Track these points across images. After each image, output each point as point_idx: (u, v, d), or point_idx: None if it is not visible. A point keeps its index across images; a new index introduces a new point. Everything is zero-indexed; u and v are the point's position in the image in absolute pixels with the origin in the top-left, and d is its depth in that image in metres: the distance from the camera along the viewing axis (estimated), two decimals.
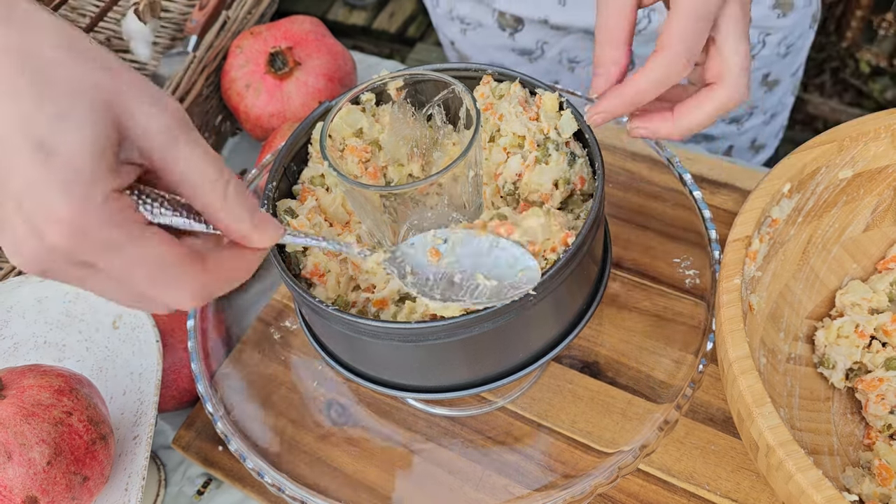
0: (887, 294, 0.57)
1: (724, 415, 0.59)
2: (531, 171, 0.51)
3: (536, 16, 0.85)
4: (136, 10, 0.83)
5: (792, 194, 0.53)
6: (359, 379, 0.52)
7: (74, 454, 0.52)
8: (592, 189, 0.52)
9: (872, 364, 0.55)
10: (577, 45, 0.87)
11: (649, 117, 0.49)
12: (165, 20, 0.93)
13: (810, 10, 0.87)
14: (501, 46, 0.91)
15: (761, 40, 0.84)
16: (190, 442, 0.65)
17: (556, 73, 0.92)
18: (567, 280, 0.46)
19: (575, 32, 0.86)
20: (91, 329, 0.64)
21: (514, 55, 0.92)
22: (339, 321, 0.46)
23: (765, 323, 0.55)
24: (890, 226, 0.59)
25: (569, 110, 0.52)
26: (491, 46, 0.92)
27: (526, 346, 0.49)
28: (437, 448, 0.60)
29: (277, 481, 0.53)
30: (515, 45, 0.90)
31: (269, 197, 0.51)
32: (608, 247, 0.54)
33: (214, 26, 0.82)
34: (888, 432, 0.54)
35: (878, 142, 0.54)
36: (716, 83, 0.47)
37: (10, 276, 0.67)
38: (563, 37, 0.87)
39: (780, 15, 0.82)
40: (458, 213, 0.49)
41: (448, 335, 0.45)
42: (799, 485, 0.41)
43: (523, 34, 0.89)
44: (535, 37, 0.88)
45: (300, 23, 0.82)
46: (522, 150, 0.52)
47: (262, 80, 0.79)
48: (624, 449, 0.52)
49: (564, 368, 0.62)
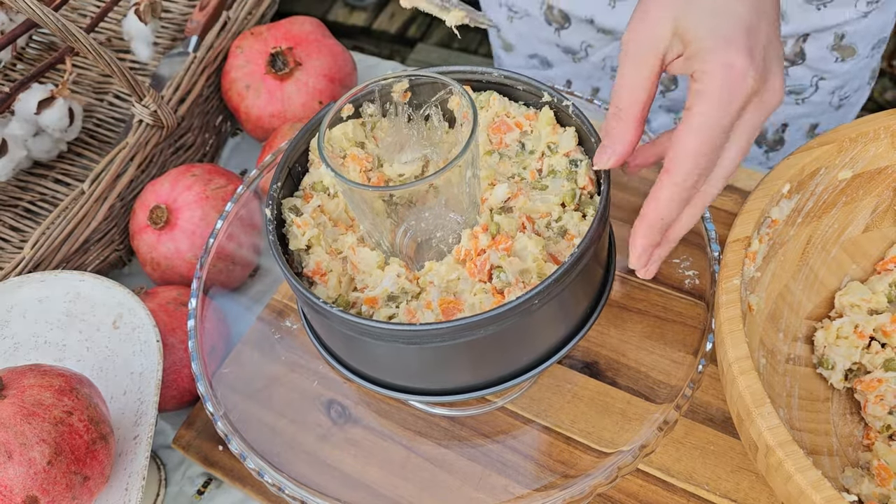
0: (886, 295, 0.57)
1: (724, 415, 0.59)
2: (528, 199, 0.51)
3: (584, 13, 0.82)
4: (137, 11, 0.83)
5: (791, 195, 0.54)
6: (361, 380, 0.52)
7: (75, 454, 0.52)
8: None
9: (871, 365, 0.55)
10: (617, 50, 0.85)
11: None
12: (166, 21, 0.93)
13: (871, 62, 0.82)
14: (546, 40, 0.89)
15: (814, 83, 0.79)
16: (190, 442, 0.65)
17: (597, 78, 0.90)
18: (572, 284, 0.46)
19: (620, 39, 0.83)
20: (91, 329, 0.64)
21: (558, 51, 0.90)
22: (342, 322, 0.46)
23: (764, 323, 0.55)
24: (889, 227, 0.59)
25: (571, 129, 0.52)
26: (536, 38, 0.90)
27: (530, 349, 0.49)
28: (437, 448, 0.60)
29: (277, 481, 0.53)
30: (560, 42, 0.88)
31: (274, 198, 0.51)
32: (612, 250, 0.54)
33: (215, 27, 0.82)
34: (887, 433, 0.54)
35: (877, 142, 0.54)
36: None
37: (10, 276, 0.67)
38: (609, 42, 0.85)
39: (839, 59, 0.77)
40: (457, 213, 0.49)
41: (451, 338, 0.45)
42: (798, 485, 0.41)
43: (569, 32, 0.86)
44: (581, 37, 0.86)
45: (300, 23, 0.82)
46: (510, 179, 0.52)
47: (262, 80, 0.79)
48: (623, 449, 0.52)
49: (564, 368, 0.62)
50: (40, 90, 0.80)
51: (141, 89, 0.70)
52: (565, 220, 0.50)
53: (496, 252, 0.47)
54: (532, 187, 0.52)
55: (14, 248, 0.81)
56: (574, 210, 0.51)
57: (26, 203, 0.84)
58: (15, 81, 0.91)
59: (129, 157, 0.73)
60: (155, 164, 0.78)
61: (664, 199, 0.43)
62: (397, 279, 0.48)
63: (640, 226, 0.45)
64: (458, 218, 0.50)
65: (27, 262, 0.67)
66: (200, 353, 0.58)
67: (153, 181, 0.74)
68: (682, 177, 0.43)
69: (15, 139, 0.80)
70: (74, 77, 0.92)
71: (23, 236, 0.82)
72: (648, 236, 0.45)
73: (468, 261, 0.48)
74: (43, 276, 0.66)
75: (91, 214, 0.71)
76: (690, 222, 0.46)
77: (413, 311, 0.48)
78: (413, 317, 0.47)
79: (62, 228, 0.69)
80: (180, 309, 0.66)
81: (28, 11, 0.61)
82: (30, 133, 0.82)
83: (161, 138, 0.75)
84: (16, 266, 0.67)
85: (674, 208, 0.44)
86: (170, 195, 0.71)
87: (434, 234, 0.50)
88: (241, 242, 0.68)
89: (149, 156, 0.75)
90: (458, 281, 0.48)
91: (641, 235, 0.45)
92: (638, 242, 0.45)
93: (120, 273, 0.80)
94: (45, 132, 0.82)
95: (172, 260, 0.71)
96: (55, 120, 0.80)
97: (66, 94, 0.81)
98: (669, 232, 0.46)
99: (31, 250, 0.68)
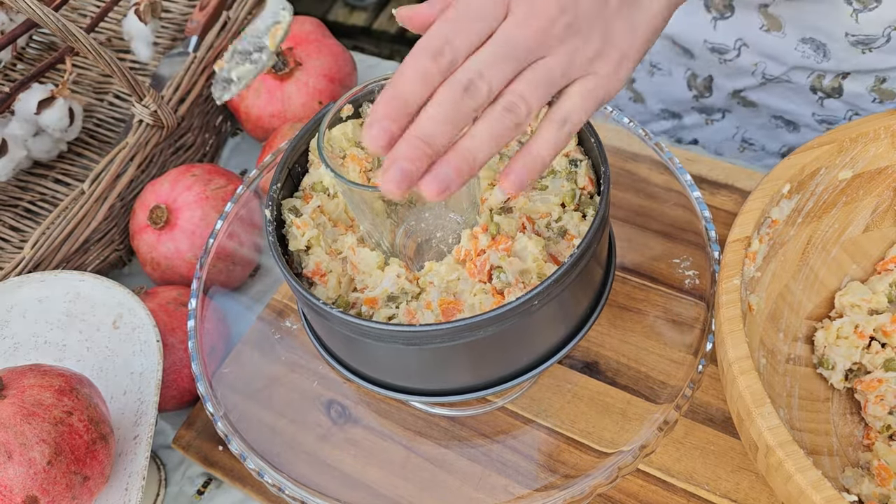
0: (886, 295, 0.57)
1: (724, 415, 0.59)
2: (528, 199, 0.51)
3: None
4: (137, 11, 0.83)
5: (791, 195, 0.53)
6: (360, 380, 0.52)
7: (75, 454, 0.52)
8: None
9: (872, 365, 0.55)
10: (660, 51, 0.83)
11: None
12: (166, 20, 0.93)
13: None
14: None
15: (847, 116, 0.77)
16: (190, 442, 0.65)
17: (635, 71, 0.88)
18: (573, 283, 0.46)
19: (661, 37, 0.81)
20: (91, 329, 0.64)
21: None
22: (341, 322, 0.46)
23: (764, 323, 0.55)
24: (889, 227, 0.59)
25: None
26: None
27: (530, 349, 0.49)
28: (437, 448, 0.60)
29: (277, 481, 0.53)
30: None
31: (274, 198, 0.51)
32: (612, 250, 0.54)
33: (215, 27, 0.82)
34: (887, 433, 0.54)
35: (877, 142, 0.54)
36: None
37: (10, 276, 0.67)
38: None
39: (877, 100, 0.74)
40: (457, 213, 0.49)
41: (451, 339, 0.45)
42: (798, 485, 0.41)
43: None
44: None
45: (300, 23, 0.82)
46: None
47: (262, 80, 0.79)
48: (623, 449, 0.52)
49: (564, 368, 0.62)
50: (40, 90, 0.80)
51: (141, 89, 0.70)
52: (565, 221, 0.50)
53: (496, 252, 0.47)
54: (532, 187, 0.52)
55: (14, 248, 0.81)
56: (574, 210, 0.51)
57: (26, 203, 0.84)
58: (15, 81, 0.91)
59: (129, 157, 0.73)
60: (155, 164, 0.78)
61: (404, 67, 0.39)
62: (397, 279, 0.48)
63: (381, 94, 0.40)
64: (458, 218, 0.50)
65: (27, 262, 0.67)
66: (200, 353, 0.58)
67: (153, 181, 0.74)
68: (424, 44, 0.39)
69: (15, 139, 0.80)
70: (74, 77, 0.92)
71: (23, 236, 0.82)
72: (384, 104, 0.39)
73: (468, 261, 0.48)
74: (43, 276, 0.66)
75: (91, 214, 0.71)
76: (481, 146, 0.39)
77: (413, 311, 0.48)
78: (413, 317, 0.47)
79: (62, 228, 0.69)
80: (180, 309, 0.66)
81: (28, 11, 0.61)
82: (30, 133, 0.82)
83: (161, 138, 0.75)
84: (16, 266, 0.67)
85: (417, 83, 0.39)
86: (170, 195, 0.71)
87: (434, 234, 0.50)
88: (241, 242, 0.68)
89: (149, 156, 0.75)
90: (457, 281, 0.48)
91: (380, 102, 0.39)
92: (375, 108, 0.39)
93: (120, 273, 0.80)
94: (45, 132, 0.82)
95: (172, 260, 0.71)
96: (55, 120, 0.80)
97: (66, 94, 0.81)
98: (458, 143, 0.40)
99: (31, 250, 0.68)
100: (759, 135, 0.84)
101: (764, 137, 0.84)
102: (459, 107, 0.39)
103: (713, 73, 0.79)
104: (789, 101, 0.77)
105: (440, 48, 0.39)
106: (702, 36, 0.75)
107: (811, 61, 0.71)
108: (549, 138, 0.41)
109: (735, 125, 0.84)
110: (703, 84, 0.82)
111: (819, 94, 0.74)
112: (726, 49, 0.74)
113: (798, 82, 0.74)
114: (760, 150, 0.86)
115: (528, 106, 0.40)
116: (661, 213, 0.67)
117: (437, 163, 0.39)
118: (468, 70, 0.39)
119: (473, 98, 0.39)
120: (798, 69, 0.73)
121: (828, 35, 0.68)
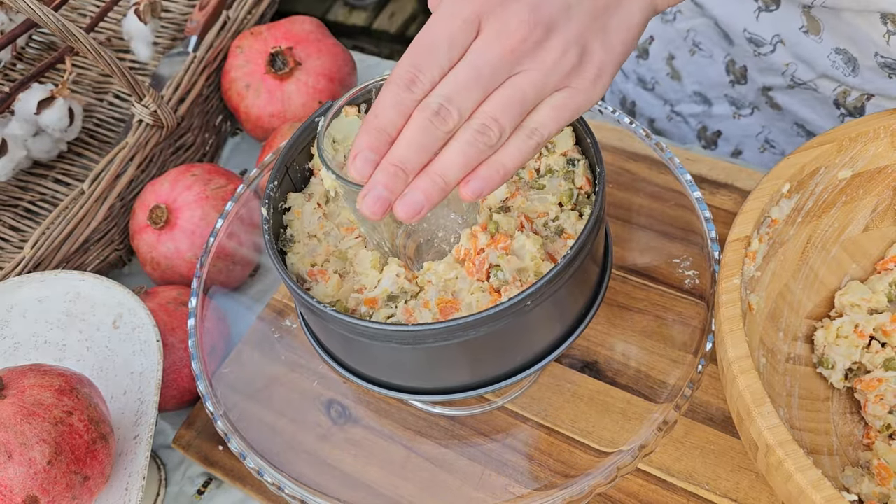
0: (886, 294, 0.57)
1: (724, 414, 0.59)
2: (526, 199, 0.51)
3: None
4: (137, 11, 0.83)
5: (791, 194, 0.53)
6: (359, 380, 0.52)
7: (75, 454, 0.52)
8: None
9: (871, 364, 0.55)
10: (704, 30, 0.81)
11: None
12: (166, 20, 0.93)
13: None
14: None
15: None
16: (190, 441, 0.65)
17: (675, 49, 0.86)
18: (567, 282, 0.46)
19: (706, 18, 0.79)
20: (91, 329, 0.64)
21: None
22: (337, 322, 0.46)
23: (764, 323, 0.55)
24: (889, 226, 0.59)
25: (568, 129, 0.52)
26: None
27: (527, 348, 0.49)
28: (437, 448, 0.60)
29: (277, 481, 0.53)
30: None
31: (271, 197, 0.51)
32: (609, 249, 0.54)
33: (215, 26, 0.82)
34: (887, 432, 0.54)
35: (877, 142, 0.54)
36: None
37: (10, 276, 0.67)
38: (695, 17, 0.80)
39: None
40: (457, 213, 0.49)
41: (446, 338, 0.45)
42: (798, 484, 0.41)
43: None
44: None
45: (300, 23, 0.82)
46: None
47: (262, 80, 0.79)
48: (623, 449, 0.52)
49: (564, 368, 0.62)
50: (40, 90, 0.80)
51: (141, 89, 0.70)
52: (562, 220, 0.50)
53: (495, 251, 0.47)
54: (530, 187, 0.52)
55: (14, 248, 0.81)
56: (571, 209, 0.51)
57: (26, 203, 0.84)
58: (15, 81, 0.91)
59: (129, 157, 0.73)
60: (155, 163, 0.78)
61: (381, 97, 0.41)
62: (396, 279, 0.48)
63: (364, 122, 0.42)
64: (458, 218, 0.50)
65: (27, 262, 0.67)
66: (200, 353, 0.58)
67: (153, 181, 0.74)
68: (397, 74, 0.41)
69: (15, 139, 0.80)
70: (74, 77, 0.92)
71: (23, 236, 0.82)
72: (366, 134, 0.41)
73: (467, 260, 0.48)
74: (43, 275, 0.66)
75: (91, 214, 0.71)
76: (451, 168, 0.41)
77: (411, 310, 0.48)
78: (411, 316, 0.47)
79: (62, 228, 0.69)
80: (180, 309, 0.66)
81: (28, 11, 0.61)
82: (30, 133, 0.82)
83: (161, 138, 0.75)
84: (16, 266, 0.67)
85: (393, 113, 0.40)
86: (170, 195, 0.71)
87: (436, 234, 0.50)
88: (241, 242, 0.68)
89: (149, 156, 0.75)
90: (456, 280, 0.48)
91: (362, 132, 0.41)
92: (358, 139, 0.41)
93: (120, 273, 0.80)
94: (45, 132, 0.82)
95: (172, 260, 0.71)
96: (55, 120, 0.80)
97: (66, 94, 0.81)
98: (432, 164, 0.41)
99: (31, 250, 0.68)
100: (781, 138, 0.83)
101: (785, 142, 0.83)
102: (430, 132, 0.40)
103: (748, 64, 0.79)
104: (812, 111, 0.77)
105: (413, 78, 0.41)
106: (743, 24, 0.75)
107: (840, 73, 0.70)
108: (516, 149, 0.42)
109: (762, 124, 0.84)
110: (740, 72, 0.82)
111: (842, 110, 0.74)
112: (763, 42, 0.74)
113: (824, 93, 0.74)
114: (780, 154, 0.86)
115: (500, 127, 0.41)
116: (661, 212, 0.67)
117: (408, 187, 0.41)
118: (438, 95, 0.40)
119: (444, 122, 0.40)
120: (826, 78, 0.72)
121: (860, 51, 0.67)
